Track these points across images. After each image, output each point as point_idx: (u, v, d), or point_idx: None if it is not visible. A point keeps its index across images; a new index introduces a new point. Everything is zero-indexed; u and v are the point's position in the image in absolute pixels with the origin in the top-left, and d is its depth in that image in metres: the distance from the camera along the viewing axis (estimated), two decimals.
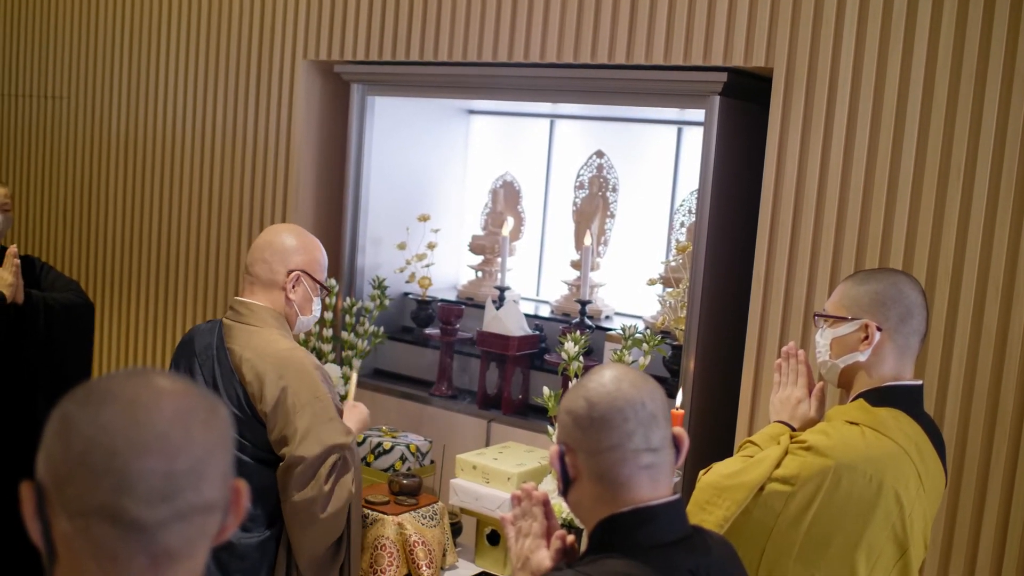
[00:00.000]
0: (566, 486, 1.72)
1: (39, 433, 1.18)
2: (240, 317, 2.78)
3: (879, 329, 2.12)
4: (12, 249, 3.67)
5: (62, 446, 1.13)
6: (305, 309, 2.82)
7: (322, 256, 2.87)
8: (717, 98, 3.29)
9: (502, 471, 3.32)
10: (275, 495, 2.71)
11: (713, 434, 3.46)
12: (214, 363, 2.73)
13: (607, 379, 1.68)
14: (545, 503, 1.90)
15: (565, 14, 3.54)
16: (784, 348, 2.34)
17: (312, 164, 4.32)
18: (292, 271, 2.77)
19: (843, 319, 2.16)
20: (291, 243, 2.79)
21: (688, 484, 2.23)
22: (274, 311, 2.78)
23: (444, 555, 3.27)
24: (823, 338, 2.21)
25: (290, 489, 2.64)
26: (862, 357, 2.14)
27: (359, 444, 3.52)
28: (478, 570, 3.35)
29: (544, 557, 1.84)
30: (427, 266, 4.32)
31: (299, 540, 2.70)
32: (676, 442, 1.72)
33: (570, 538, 1.85)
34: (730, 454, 2.57)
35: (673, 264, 3.77)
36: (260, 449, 2.69)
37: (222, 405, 1.23)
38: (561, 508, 2.99)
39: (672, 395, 3.32)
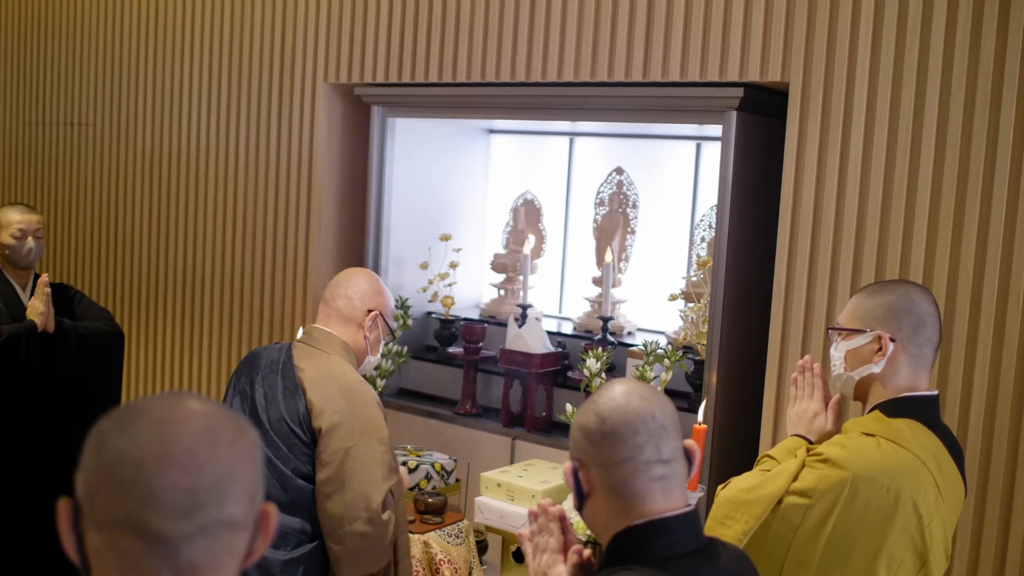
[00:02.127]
0: (581, 501, 1.73)
1: (69, 458, 1.21)
2: (314, 342, 2.86)
3: (892, 340, 2.12)
4: (44, 278, 3.73)
5: (95, 460, 1.17)
6: (375, 349, 2.93)
7: (393, 303, 3.07)
8: (734, 113, 3.31)
9: (527, 488, 3.33)
10: (312, 516, 2.73)
11: (736, 448, 3.45)
12: (278, 378, 2.78)
13: (617, 393, 1.69)
14: (562, 518, 1.91)
15: (582, 33, 3.56)
16: (800, 362, 2.34)
17: (334, 186, 4.37)
18: (372, 311, 2.88)
19: (857, 331, 2.16)
20: (372, 286, 2.93)
21: (711, 499, 2.23)
22: (346, 343, 2.86)
23: (470, 573, 3.28)
24: (837, 351, 2.21)
25: (351, 557, 2.71)
26: (876, 369, 2.14)
27: None
28: None
29: (561, 572, 1.85)
30: (449, 285, 4.34)
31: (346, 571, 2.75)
32: (687, 454, 1.72)
33: (587, 552, 1.86)
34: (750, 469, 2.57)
35: (694, 279, 3.78)
36: (305, 465, 2.72)
37: (251, 428, 1.26)
38: (582, 525, 3.00)
39: (694, 410, 3.32)
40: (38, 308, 3.73)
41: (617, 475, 1.66)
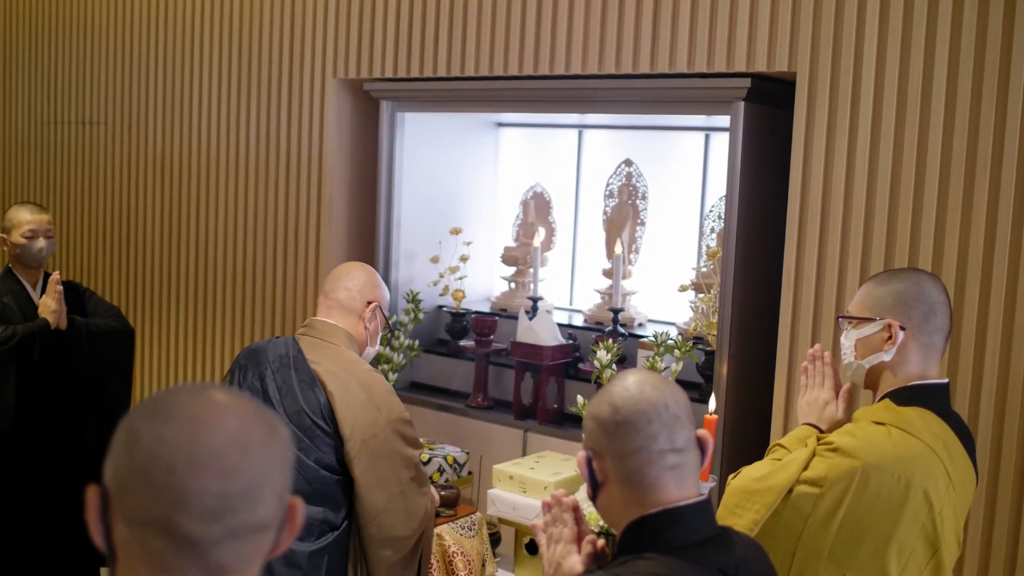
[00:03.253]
0: (595, 490, 1.74)
1: (83, 454, 1.22)
2: (318, 333, 2.93)
3: (902, 328, 2.13)
4: (55, 276, 3.76)
5: (126, 456, 1.17)
6: (374, 340, 3.03)
7: (389, 297, 3.14)
8: (742, 104, 3.31)
9: (539, 480, 3.34)
10: (333, 505, 2.77)
11: (748, 438, 3.46)
12: (291, 371, 2.83)
13: (630, 383, 1.71)
14: (575, 509, 1.92)
15: (589, 26, 3.57)
16: (810, 351, 2.35)
17: (344, 181, 4.38)
18: (371, 302, 2.98)
19: (867, 320, 2.17)
20: (370, 279, 3.04)
21: (724, 489, 2.24)
22: (348, 333, 2.95)
23: (483, 565, 3.30)
24: (848, 339, 2.21)
25: (384, 548, 2.81)
26: (887, 357, 2.14)
27: None
28: None
29: (576, 562, 1.86)
30: (460, 279, 4.36)
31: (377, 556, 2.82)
32: (700, 443, 1.74)
33: (600, 542, 1.88)
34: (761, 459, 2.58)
35: (704, 270, 3.78)
36: (330, 458, 2.76)
37: (282, 426, 1.26)
38: (596, 516, 3.01)
39: (705, 400, 3.33)
40: (50, 306, 3.75)
41: (631, 464, 1.67)
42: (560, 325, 4.05)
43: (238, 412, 1.21)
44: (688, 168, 4.22)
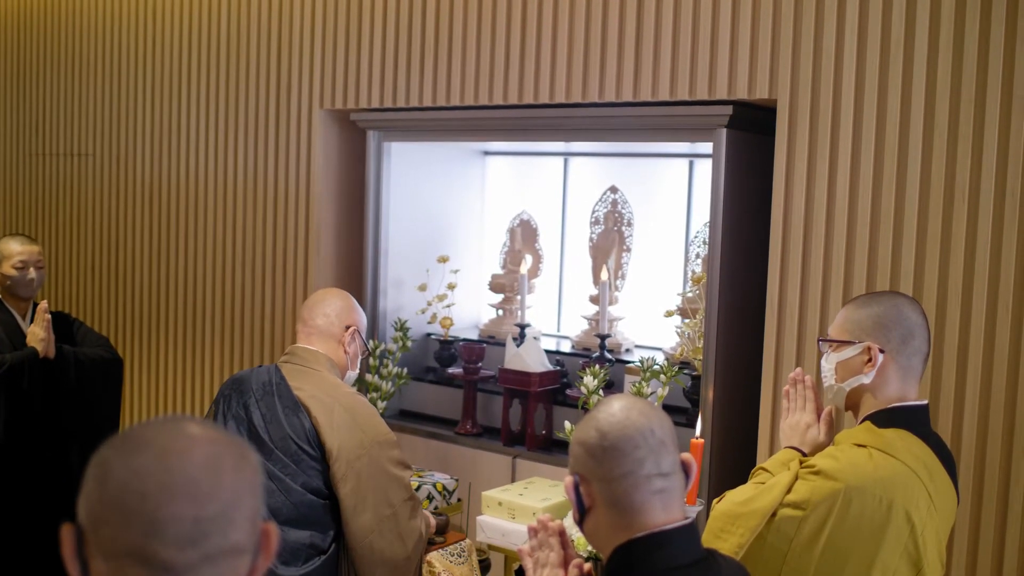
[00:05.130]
0: (582, 515, 1.76)
1: (73, 482, 1.23)
2: (300, 360, 2.97)
3: (881, 351, 2.16)
4: (43, 305, 3.78)
5: (98, 489, 1.18)
6: (354, 363, 3.08)
7: (366, 322, 3.19)
8: (724, 131, 3.35)
9: (528, 506, 3.35)
10: (320, 529, 2.78)
11: (734, 462, 3.48)
12: (275, 398, 2.86)
13: (616, 409, 1.73)
14: (561, 533, 1.94)
15: (572, 55, 3.61)
16: (791, 374, 2.37)
17: (332, 210, 4.41)
18: (349, 327, 3.03)
19: (846, 343, 2.20)
20: (346, 304, 3.08)
21: (710, 513, 2.26)
22: (330, 359, 3.00)
23: None
24: (828, 362, 2.24)
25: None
26: (867, 380, 2.17)
27: None
28: None
29: None
30: (448, 306, 4.38)
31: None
32: (684, 467, 1.76)
33: (587, 566, 1.89)
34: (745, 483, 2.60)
35: (690, 295, 3.81)
36: (316, 482, 2.78)
37: (253, 452, 1.28)
38: (584, 541, 3.02)
39: (692, 425, 3.35)
40: (38, 335, 3.77)
41: (618, 488, 1.69)
42: (547, 351, 4.07)
43: (208, 440, 1.22)
44: (673, 194, 4.26)
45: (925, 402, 2.22)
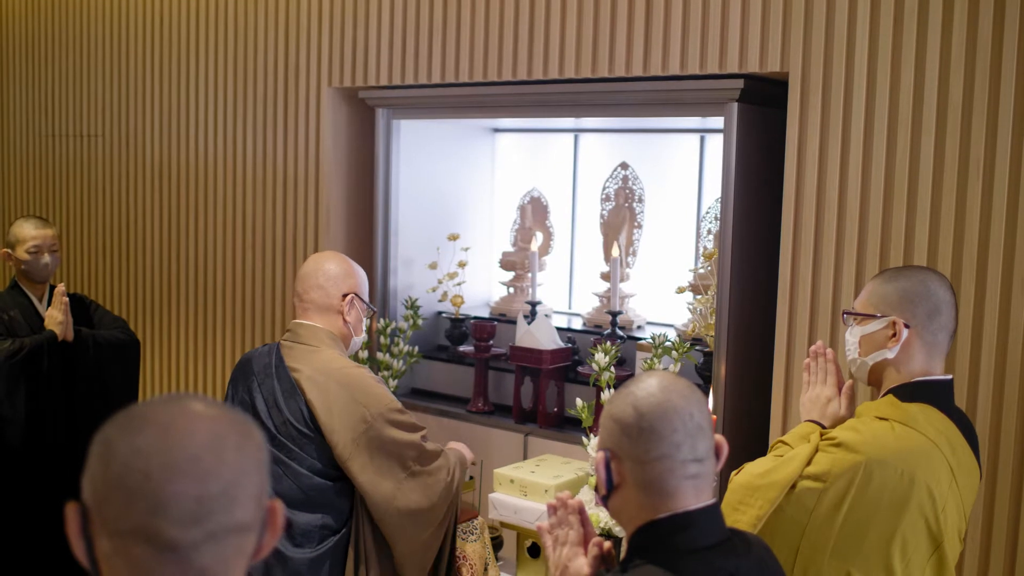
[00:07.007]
0: (609, 491, 1.72)
1: None
2: (299, 338, 2.90)
3: (907, 326, 2.14)
4: (60, 288, 3.78)
5: (102, 469, 1.19)
6: (358, 330, 2.98)
7: (366, 279, 3.04)
8: (735, 105, 3.33)
9: (539, 484, 3.35)
10: (332, 511, 2.77)
11: (747, 437, 3.48)
12: (274, 381, 2.83)
13: (656, 388, 1.68)
14: (581, 511, 1.93)
15: (582, 30, 3.59)
16: (812, 347, 2.36)
17: (342, 189, 4.40)
18: (346, 294, 2.92)
19: (871, 316, 2.18)
20: (341, 268, 2.95)
21: (724, 487, 2.25)
22: (331, 332, 2.91)
23: (486, 569, 3.31)
24: (852, 336, 2.22)
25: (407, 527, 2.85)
26: (890, 354, 2.15)
27: None
28: None
29: (582, 564, 1.86)
30: (459, 284, 4.37)
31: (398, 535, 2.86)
32: (716, 450, 1.74)
33: (607, 544, 1.88)
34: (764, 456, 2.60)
35: (701, 271, 3.80)
36: (322, 464, 2.77)
37: (256, 429, 1.27)
38: (599, 518, 3.02)
39: None
40: (56, 318, 3.77)
41: (653, 471, 1.66)
42: (559, 329, 4.06)
43: (210, 417, 1.22)
44: (684, 170, 4.24)
45: (950, 377, 2.20)
